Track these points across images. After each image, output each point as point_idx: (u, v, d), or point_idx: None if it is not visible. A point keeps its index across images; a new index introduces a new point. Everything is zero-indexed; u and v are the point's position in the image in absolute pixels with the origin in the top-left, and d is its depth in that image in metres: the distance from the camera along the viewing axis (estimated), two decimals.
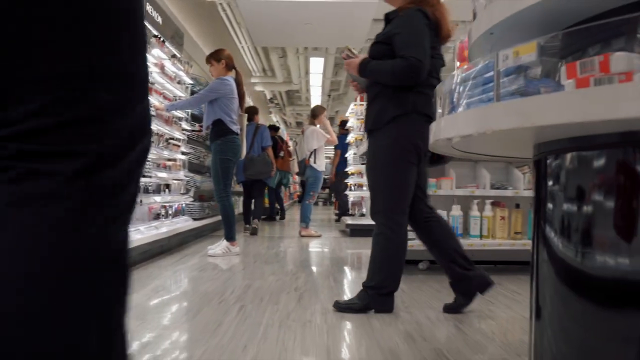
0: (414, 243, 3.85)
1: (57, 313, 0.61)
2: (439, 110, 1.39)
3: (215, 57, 4.79)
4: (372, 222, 2.71)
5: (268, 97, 18.27)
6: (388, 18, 2.64)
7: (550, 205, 1.29)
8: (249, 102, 13.40)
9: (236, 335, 2.19)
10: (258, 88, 16.79)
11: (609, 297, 1.08)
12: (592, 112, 0.87)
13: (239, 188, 7.98)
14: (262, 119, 9.43)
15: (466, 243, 3.88)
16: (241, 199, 8.58)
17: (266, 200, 10.24)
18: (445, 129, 1.31)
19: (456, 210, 3.93)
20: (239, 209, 8.82)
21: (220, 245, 4.89)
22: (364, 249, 5.68)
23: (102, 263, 0.67)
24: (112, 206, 0.69)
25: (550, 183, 1.28)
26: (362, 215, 7.84)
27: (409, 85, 2.47)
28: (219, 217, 5.21)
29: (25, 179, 0.63)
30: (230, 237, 4.87)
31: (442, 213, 3.91)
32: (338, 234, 7.65)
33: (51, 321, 0.60)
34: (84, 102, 0.66)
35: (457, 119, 1.24)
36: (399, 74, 2.43)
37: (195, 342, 2.10)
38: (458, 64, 2.77)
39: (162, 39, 5.35)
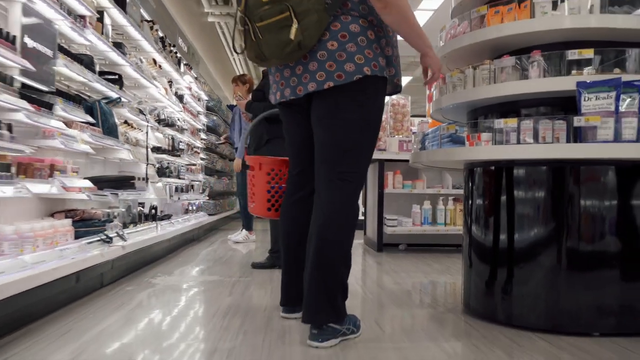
0: (396, 229, 5.17)
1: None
2: (415, 146, 2.70)
3: (241, 79, 5.86)
4: None
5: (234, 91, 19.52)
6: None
7: (469, 201, 2.58)
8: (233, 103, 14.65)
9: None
10: None
11: (490, 254, 2.38)
12: (469, 155, 2.17)
13: None
14: None
15: (435, 229, 5.19)
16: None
17: None
18: (417, 156, 2.60)
19: (427, 205, 5.23)
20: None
21: (240, 234, 6.09)
22: None
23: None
24: None
25: (470, 187, 2.58)
26: None
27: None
28: (227, 213, 6.29)
29: None
30: (249, 228, 6.08)
31: (416, 206, 5.23)
32: None
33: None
34: None
35: (424, 153, 2.54)
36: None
37: (239, 278, 3.34)
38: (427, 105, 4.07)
39: (190, 66, 6.54)
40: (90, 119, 3.28)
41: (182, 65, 6.20)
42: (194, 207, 6.91)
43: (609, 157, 2.03)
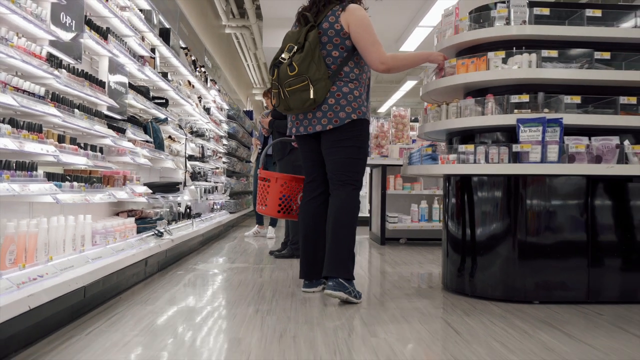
0: (396, 225, 5.96)
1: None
2: (404, 161, 3.51)
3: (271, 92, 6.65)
4: None
5: (264, 104, 20.25)
6: None
7: (446, 201, 3.38)
8: (249, 108, 15.54)
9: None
10: (257, 97, 18.89)
11: (460, 245, 3.18)
12: (441, 170, 2.97)
13: None
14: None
15: (430, 225, 5.98)
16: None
17: None
18: (405, 169, 3.41)
19: (424, 204, 6.02)
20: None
21: (270, 232, 6.85)
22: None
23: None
24: None
25: (447, 191, 3.37)
26: None
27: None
28: (245, 212, 7.01)
29: None
30: (260, 222, 6.90)
31: (415, 205, 6.03)
32: None
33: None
34: None
35: (409, 167, 3.35)
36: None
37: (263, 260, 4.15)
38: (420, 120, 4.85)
39: (214, 81, 7.37)
40: (149, 138, 4.12)
41: (208, 81, 7.03)
42: (218, 206, 7.75)
43: (537, 173, 2.83)
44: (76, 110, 2.85)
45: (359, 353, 2.12)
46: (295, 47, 2.86)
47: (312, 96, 2.80)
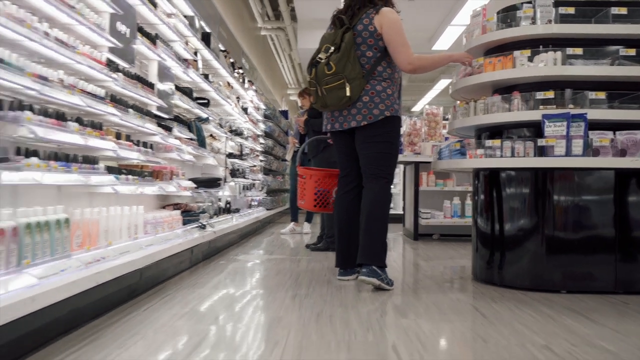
0: (429, 221, 6.09)
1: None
2: (434, 157, 3.67)
3: (306, 92, 6.70)
4: None
5: (299, 104, 20.58)
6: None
7: (475, 197, 3.52)
8: (284, 108, 15.88)
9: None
10: (292, 97, 19.21)
11: (489, 240, 3.32)
12: (469, 164, 3.12)
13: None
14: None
15: (463, 221, 6.08)
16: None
17: None
18: (435, 164, 3.57)
19: (456, 200, 6.14)
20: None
21: (306, 227, 7.08)
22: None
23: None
24: None
25: (475, 186, 3.51)
26: None
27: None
28: (281, 209, 7.23)
29: None
30: (294, 219, 7.11)
31: (447, 202, 6.15)
32: None
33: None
34: None
35: (439, 162, 3.50)
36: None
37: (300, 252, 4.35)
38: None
39: (251, 82, 7.65)
40: (193, 136, 4.39)
41: (246, 82, 7.30)
42: (255, 203, 8.02)
43: (561, 166, 2.95)
44: (130, 110, 3.12)
45: (390, 331, 2.30)
46: (332, 48, 3.05)
47: (348, 94, 2.99)
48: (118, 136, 2.95)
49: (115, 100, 2.92)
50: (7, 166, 1.95)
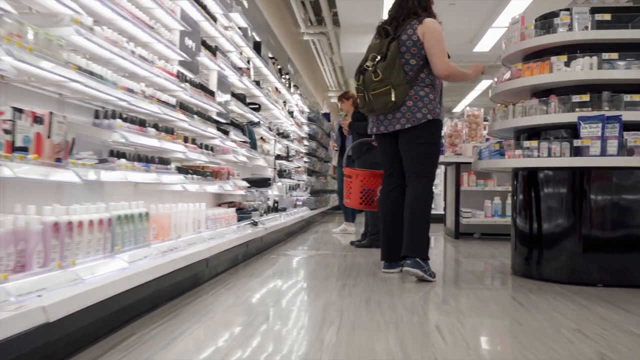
0: (470, 220, 6.25)
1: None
2: (474, 158, 3.88)
3: (345, 96, 6.99)
4: None
5: (340, 107, 20.87)
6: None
7: (514, 197, 3.70)
8: (326, 111, 16.21)
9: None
10: (333, 100, 19.53)
11: (527, 238, 3.51)
12: (507, 164, 3.32)
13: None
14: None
15: (504, 220, 6.21)
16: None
17: None
18: (475, 164, 3.78)
19: (497, 200, 6.27)
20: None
21: (343, 226, 7.37)
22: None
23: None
24: None
25: (514, 186, 3.70)
26: None
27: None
28: (323, 209, 7.51)
29: None
30: (347, 219, 7.38)
31: (488, 201, 6.29)
32: None
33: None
34: None
35: (479, 162, 3.71)
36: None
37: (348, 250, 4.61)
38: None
39: (297, 87, 7.97)
40: (247, 139, 4.73)
41: (291, 86, 7.63)
42: (300, 202, 8.34)
43: (596, 165, 3.12)
44: (195, 116, 3.46)
45: (433, 314, 2.54)
46: (379, 57, 3.31)
47: (393, 99, 3.24)
48: (185, 140, 3.29)
49: (184, 107, 3.27)
50: (105, 166, 2.30)
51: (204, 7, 3.58)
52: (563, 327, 2.29)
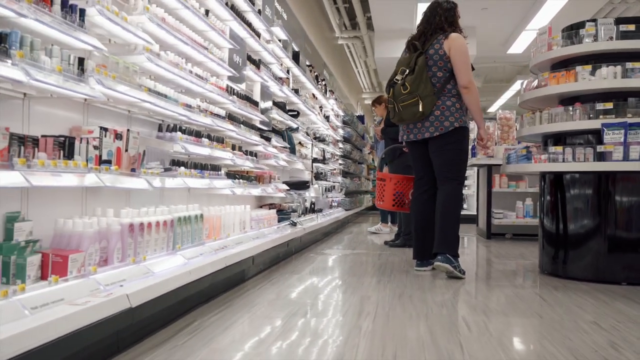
0: (502, 221, 6.40)
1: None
2: (502, 162, 4.08)
3: (378, 101, 7.22)
4: None
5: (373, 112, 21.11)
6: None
7: (542, 199, 3.88)
8: (360, 113, 16.46)
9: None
10: (367, 102, 19.76)
11: (554, 239, 3.69)
12: (533, 168, 3.51)
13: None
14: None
15: (535, 221, 6.32)
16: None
17: None
18: (503, 168, 3.98)
19: (528, 201, 6.41)
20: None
21: (375, 226, 7.62)
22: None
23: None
24: None
25: (542, 188, 3.88)
26: None
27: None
28: (358, 210, 7.75)
29: None
30: (384, 221, 7.60)
31: (520, 202, 6.43)
32: None
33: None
34: None
35: (507, 166, 3.91)
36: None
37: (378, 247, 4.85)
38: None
39: (332, 92, 8.25)
40: (286, 144, 5.03)
41: (327, 92, 7.92)
42: (335, 203, 8.61)
43: (618, 169, 3.28)
44: (241, 125, 3.78)
45: (461, 308, 2.78)
46: (407, 71, 3.57)
47: (421, 109, 3.49)
48: (233, 147, 3.61)
49: (232, 117, 3.59)
50: (169, 174, 2.62)
51: (249, 25, 3.89)
52: (581, 320, 2.50)
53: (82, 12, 1.95)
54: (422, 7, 8.37)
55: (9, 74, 1.53)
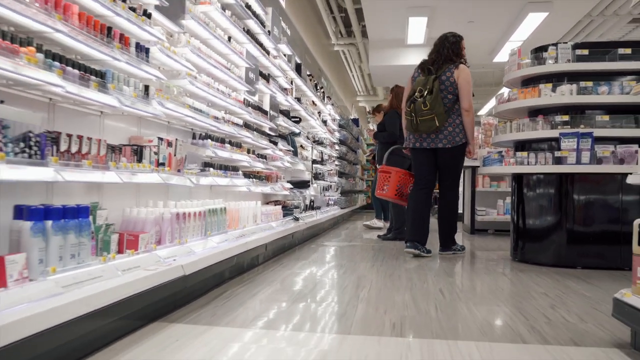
0: (484, 218, 7.04)
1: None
2: (479, 164, 4.72)
3: (377, 109, 7.88)
4: None
5: (367, 110, 21.77)
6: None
7: (512, 196, 4.52)
8: (355, 115, 17.10)
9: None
10: (361, 104, 20.42)
11: (520, 231, 4.33)
12: (504, 170, 4.15)
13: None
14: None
15: None
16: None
17: None
18: (480, 170, 4.62)
19: (508, 199, 7.04)
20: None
21: (370, 221, 8.23)
22: None
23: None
24: None
25: (512, 187, 4.51)
26: None
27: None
28: (352, 208, 8.36)
29: None
30: (378, 216, 8.23)
31: (500, 201, 7.06)
32: None
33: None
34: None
35: (483, 168, 4.55)
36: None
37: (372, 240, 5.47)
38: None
39: (330, 97, 8.86)
40: (290, 148, 5.65)
41: (325, 97, 8.53)
42: (332, 202, 9.23)
43: (571, 172, 3.93)
44: (254, 132, 4.39)
45: (440, 282, 3.40)
46: (426, 91, 4.30)
47: (437, 124, 4.27)
48: (248, 151, 4.22)
49: (247, 125, 4.20)
50: (203, 174, 3.23)
51: (261, 45, 4.50)
52: (533, 291, 3.13)
53: (147, 50, 2.55)
54: (413, 21, 9.04)
55: (109, 101, 2.14)
